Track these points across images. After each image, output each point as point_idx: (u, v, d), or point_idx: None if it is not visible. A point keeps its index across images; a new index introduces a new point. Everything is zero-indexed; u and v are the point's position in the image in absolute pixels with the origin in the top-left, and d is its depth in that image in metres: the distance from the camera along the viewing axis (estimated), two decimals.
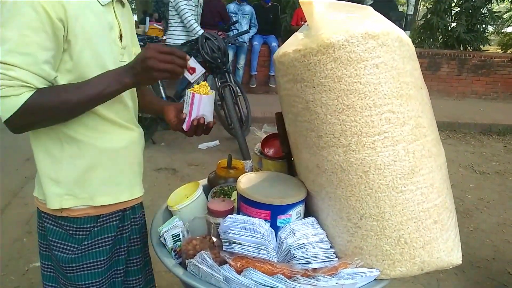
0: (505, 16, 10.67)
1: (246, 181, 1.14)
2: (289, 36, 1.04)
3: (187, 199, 1.24)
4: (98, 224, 1.16)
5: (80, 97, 0.99)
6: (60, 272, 1.19)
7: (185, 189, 1.33)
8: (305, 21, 0.99)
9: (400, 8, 10.67)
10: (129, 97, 1.18)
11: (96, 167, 1.12)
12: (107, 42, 1.08)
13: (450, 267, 1.05)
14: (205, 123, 1.17)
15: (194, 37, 4.67)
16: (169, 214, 1.28)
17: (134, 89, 1.21)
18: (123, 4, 1.17)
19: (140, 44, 1.34)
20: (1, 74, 0.92)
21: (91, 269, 1.18)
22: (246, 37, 6.63)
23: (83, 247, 1.16)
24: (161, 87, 4.66)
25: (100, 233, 1.18)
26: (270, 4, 6.93)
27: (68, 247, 1.16)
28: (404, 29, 7.11)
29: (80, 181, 1.11)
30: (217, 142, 4.88)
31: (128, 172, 1.20)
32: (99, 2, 1.06)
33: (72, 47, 1.00)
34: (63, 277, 1.20)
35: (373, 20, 0.93)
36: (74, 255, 1.15)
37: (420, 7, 11.83)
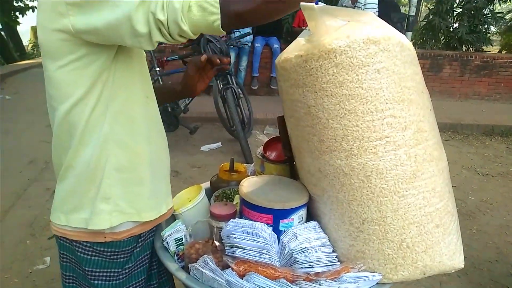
0: (507, 16, 10.65)
1: (249, 185, 1.14)
2: (291, 38, 1.04)
3: (190, 202, 1.24)
4: (139, 243, 1.12)
5: None
6: None
7: (188, 192, 1.34)
8: (307, 25, 0.99)
9: (402, 9, 10.66)
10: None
11: (145, 181, 1.07)
12: None
13: (453, 271, 1.05)
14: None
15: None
16: (172, 217, 1.29)
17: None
18: None
19: None
20: None
21: None
22: (248, 39, 6.64)
23: (126, 271, 1.11)
24: None
25: (141, 253, 1.13)
26: None
27: (110, 273, 1.09)
28: (406, 30, 7.10)
29: (131, 195, 1.05)
30: (219, 144, 4.89)
31: (163, 184, 1.16)
32: None
33: None
34: None
35: (374, 26, 0.94)
36: (117, 281, 1.10)
37: (422, 8, 11.82)
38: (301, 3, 0.84)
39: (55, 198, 1.08)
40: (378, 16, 0.97)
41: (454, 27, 8.78)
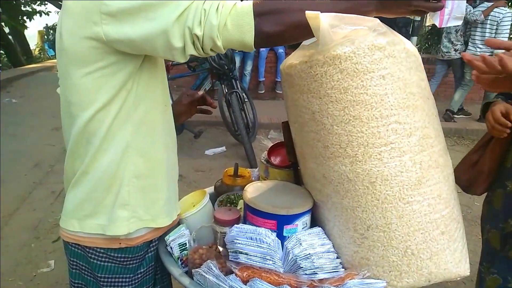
0: None
1: (253, 190, 1.14)
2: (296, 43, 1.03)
3: (194, 207, 1.24)
4: (151, 248, 1.13)
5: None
6: None
7: (192, 197, 1.34)
8: None
9: None
10: None
11: (163, 185, 1.08)
12: None
13: (458, 278, 1.04)
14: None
15: None
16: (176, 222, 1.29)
17: None
18: None
19: None
20: (202, 6, 0.83)
21: None
22: None
23: (138, 276, 1.12)
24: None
25: (152, 259, 1.15)
26: None
27: (123, 279, 1.11)
28: (412, 35, 7.10)
29: (147, 202, 1.06)
30: (223, 148, 4.90)
31: (175, 188, 1.18)
32: None
33: None
34: None
35: (380, 32, 0.94)
36: (130, 286, 1.12)
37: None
38: (306, 12, 0.85)
39: (66, 205, 1.07)
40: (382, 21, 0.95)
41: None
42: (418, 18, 7.62)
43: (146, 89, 1.00)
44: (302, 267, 0.97)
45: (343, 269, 1.03)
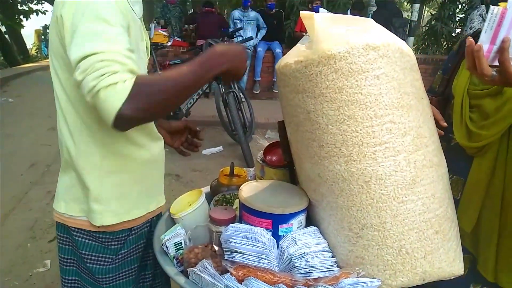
0: None
1: (248, 189, 1.15)
2: (293, 42, 1.05)
3: (190, 207, 1.24)
4: (133, 232, 1.18)
5: (185, 81, 0.95)
6: (92, 284, 1.19)
7: (188, 196, 1.34)
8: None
9: (405, 15, 10.68)
10: None
11: (135, 181, 1.14)
12: (142, 52, 1.13)
13: (452, 277, 1.05)
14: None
15: None
16: (172, 221, 1.29)
17: None
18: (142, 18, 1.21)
19: None
20: (101, 61, 0.86)
21: (125, 278, 1.20)
22: (251, 44, 6.67)
23: (119, 257, 1.17)
24: None
25: (134, 241, 1.20)
26: (274, 10, 6.98)
27: (104, 259, 1.16)
28: (408, 36, 7.11)
29: (119, 197, 1.12)
30: (220, 148, 4.90)
31: (157, 182, 1.23)
32: (135, 14, 1.08)
33: None
34: None
35: (374, 32, 0.94)
36: (111, 265, 1.17)
37: (424, 13, 11.85)
38: (301, 12, 0.86)
39: (58, 187, 1.18)
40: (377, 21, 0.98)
41: (456, 32, 8.79)
42: (415, 19, 7.64)
43: None
44: (297, 266, 0.98)
45: (338, 268, 1.03)
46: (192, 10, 10.61)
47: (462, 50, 1.30)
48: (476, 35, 1.30)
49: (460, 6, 8.78)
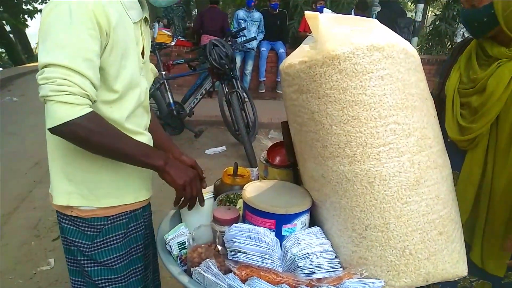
0: None
1: (252, 189, 1.15)
2: (297, 42, 1.06)
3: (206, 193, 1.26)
4: (109, 222, 1.18)
5: (122, 147, 1.05)
6: (81, 267, 1.22)
7: None
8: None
9: (408, 15, 10.65)
10: (147, 109, 1.24)
11: (107, 169, 1.15)
12: (134, 56, 1.13)
13: (456, 278, 1.05)
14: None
15: None
16: (175, 221, 1.29)
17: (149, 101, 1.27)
18: (147, 22, 1.22)
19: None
20: (64, 79, 0.94)
21: (105, 266, 1.20)
22: (254, 44, 6.67)
23: (95, 245, 1.18)
24: (168, 93, 4.70)
25: (111, 231, 1.19)
26: (277, 10, 6.98)
27: (82, 245, 1.18)
28: (412, 36, 7.09)
29: (90, 182, 1.14)
30: (223, 147, 4.90)
31: (135, 176, 1.22)
32: (130, 19, 1.11)
33: (105, 57, 1.04)
34: (85, 274, 1.23)
35: (378, 33, 0.94)
36: (88, 252, 1.18)
37: (428, 13, 11.81)
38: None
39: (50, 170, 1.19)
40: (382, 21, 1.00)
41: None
42: (419, 19, 7.62)
43: None
44: (301, 266, 0.98)
45: (341, 269, 1.03)
46: (196, 10, 10.64)
47: (455, 55, 1.38)
48: (467, 42, 1.35)
49: None
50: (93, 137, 0.99)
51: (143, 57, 1.20)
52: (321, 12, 5.36)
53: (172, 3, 1.24)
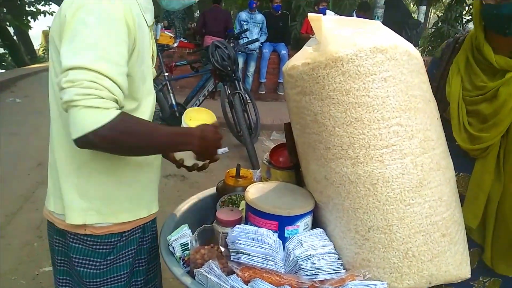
0: None
1: (255, 191, 1.15)
2: (299, 44, 1.06)
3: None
4: (123, 238, 1.15)
5: (157, 144, 1.02)
6: (81, 287, 1.18)
7: (197, 114, 1.33)
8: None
9: None
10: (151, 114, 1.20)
11: (123, 183, 1.11)
12: (149, 61, 1.13)
13: (459, 281, 1.05)
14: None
15: None
16: (178, 222, 1.29)
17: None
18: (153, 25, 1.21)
19: None
20: (92, 82, 0.87)
21: (113, 283, 1.17)
22: (256, 45, 6.68)
23: (107, 262, 1.14)
24: (171, 94, 4.71)
25: (124, 247, 1.16)
26: (280, 12, 6.99)
27: (92, 263, 1.13)
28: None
29: (107, 197, 1.09)
30: (226, 149, 4.86)
31: (148, 188, 1.20)
32: (146, 23, 1.08)
33: (132, 63, 1.00)
34: None
35: (382, 35, 0.94)
36: (98, 270, 1.14)
37: (430, 15, 11.80)
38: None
39: (49, 183, 1.16)
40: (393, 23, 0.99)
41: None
42: (421, 20, 7.62)
43: None
44: (303, 268, 0.98)
45: (344, 271, 1.03)
46: (198, 12, 10.64)
47: (447, 57, 1.34)
48: (458, 41, 1.31)
49: (467, 7, 8.73)
50: (127, 140, 0.93)
51: (152, 62, 1.18)
52: (324, 13, 5.35)
53: (185, 5, 1.20)
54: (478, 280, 1.31)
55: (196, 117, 1.28)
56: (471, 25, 5.95)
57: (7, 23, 11.81)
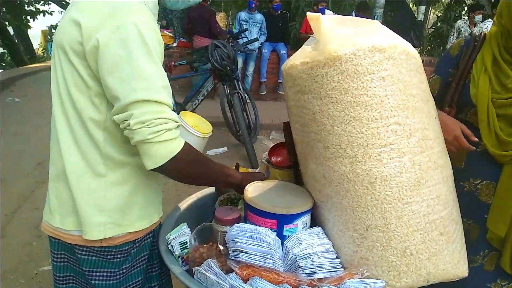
0: None
1: (253, 190, 1.15)
2: (298, 44, 1.06)
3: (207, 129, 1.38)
4: (136, 244, 1.14)
5: (212, 174, 1.13)
6: None
7: (190, 118, 1.39)
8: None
9: None
10: None
11: (138, 192, 1.10)
12: None
13: (456, 279, 1.05)
14: None
15: None
16: (177, 221, 1.30)
17: None
18: None
19: None
20: (158, 118, 0.93)
21: None
22: (255, 45, 6.68)
23: (123, 271, 1.13)
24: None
25: (138, 254, 1.16)
26: (279, 12, 6.99)
27: (108, 273, 1.12)
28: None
29: (123, 208, 1.08)
30: (225, 148, 4.90)
31: (157, 192, 1.20)
32: None
33: None
34: None
35: (380, 34, 0.95)
36: (115, 281, 1.12)
37: (430, 15, 11.80)
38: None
39: (50, 198, 1.11)
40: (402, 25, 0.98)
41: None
42: (420, 20, 7.62)
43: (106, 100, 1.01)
44: (302, 266, 0.98)
45: (342, 269, 1.03)
46: None
47: (467, 55, 1.29)
48: (479, 38, 1.26)
49: (466, 8, 8.73)
50: (192, 167, 1.04)
51: None
52: (323, 13, 5.36)
53: (189, 5, 1.19)
54: (495, 283, 1.31)
55: (190, 120, 1.36)
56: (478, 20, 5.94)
57: (7, 23, 11.79)
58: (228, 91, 4.46)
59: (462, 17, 6.75)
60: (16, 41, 13.14)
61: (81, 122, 1.02)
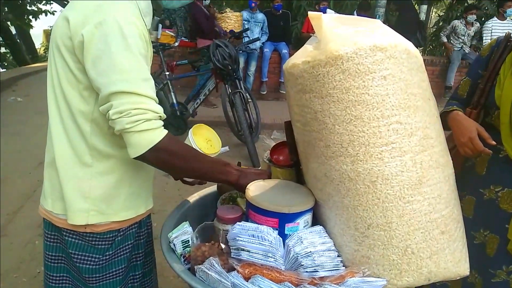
0: None
1: (255, 188, 1.15)
2: (300, 43, 1.06)
3: (214, 149, 1.41)
4: (121, 233, 1.18)
5: (201, 166, 1.12)
6: (82, 283, 1.20)
7: (201, 131, 1.43)
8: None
9: None
10: None
11: (124, 183, 1.14)
12: (149, 65, 1.14)
13: (458, 278, 1.05)
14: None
15: None
16: (179, 220, 1.30)
17: None
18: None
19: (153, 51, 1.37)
20: (136, 109, 0.96)
21: (112, 278, 1.20)
22: (257, 44, 6.67)
23: (106, 257, 1.17)
24: (172, 93, 4.71)
25: (122, 242, 1.19)
26: (281, 11, 6.99)
27: (92, 258, 1.16)
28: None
29: (108, 197, 1.12)
30: (226, 148, 4.85)
31: (145, 185, 1.23)
32: (146, 26, 1.09)
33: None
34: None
35: (381, 33, 0.95)
36: (98, 266, 1.17)
37: (432, 14, 11.78)
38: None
39: (45, 183, 1.19)
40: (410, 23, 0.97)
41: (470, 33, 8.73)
42: (422, 20, 7.61)
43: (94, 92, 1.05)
44: (303, 265, 0.98)
45: (344, 267, 1.04)
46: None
47: (497, 56, 1.25)
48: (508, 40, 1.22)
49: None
50: (175, 159, 1.05)
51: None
52: (324, 12, 5.36)
53: (184, 4, 1.23)
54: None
55: (198, 132, 1.40)
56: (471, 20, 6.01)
57: (9, 22, 11.82)
58: (230, 91, 4.46)
59: (462, 17, 6.80)
60: (18, 40, 13.16)
61: (70, 113, 1.07)
